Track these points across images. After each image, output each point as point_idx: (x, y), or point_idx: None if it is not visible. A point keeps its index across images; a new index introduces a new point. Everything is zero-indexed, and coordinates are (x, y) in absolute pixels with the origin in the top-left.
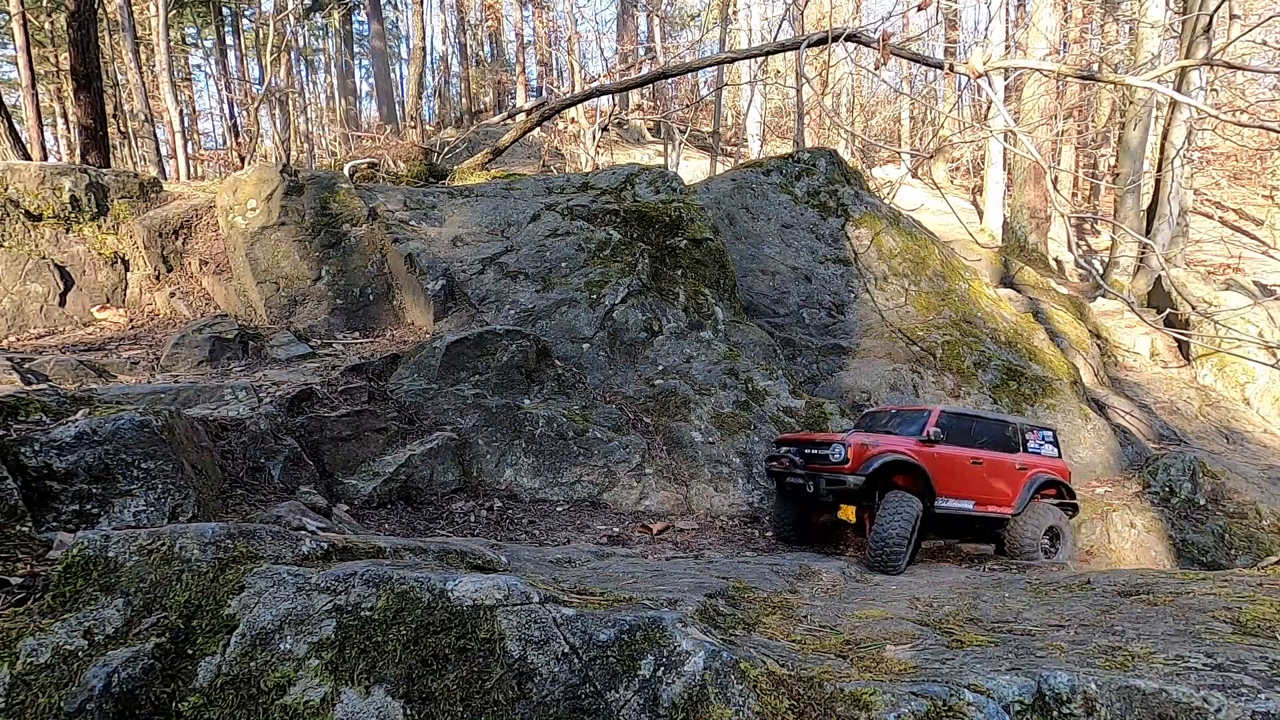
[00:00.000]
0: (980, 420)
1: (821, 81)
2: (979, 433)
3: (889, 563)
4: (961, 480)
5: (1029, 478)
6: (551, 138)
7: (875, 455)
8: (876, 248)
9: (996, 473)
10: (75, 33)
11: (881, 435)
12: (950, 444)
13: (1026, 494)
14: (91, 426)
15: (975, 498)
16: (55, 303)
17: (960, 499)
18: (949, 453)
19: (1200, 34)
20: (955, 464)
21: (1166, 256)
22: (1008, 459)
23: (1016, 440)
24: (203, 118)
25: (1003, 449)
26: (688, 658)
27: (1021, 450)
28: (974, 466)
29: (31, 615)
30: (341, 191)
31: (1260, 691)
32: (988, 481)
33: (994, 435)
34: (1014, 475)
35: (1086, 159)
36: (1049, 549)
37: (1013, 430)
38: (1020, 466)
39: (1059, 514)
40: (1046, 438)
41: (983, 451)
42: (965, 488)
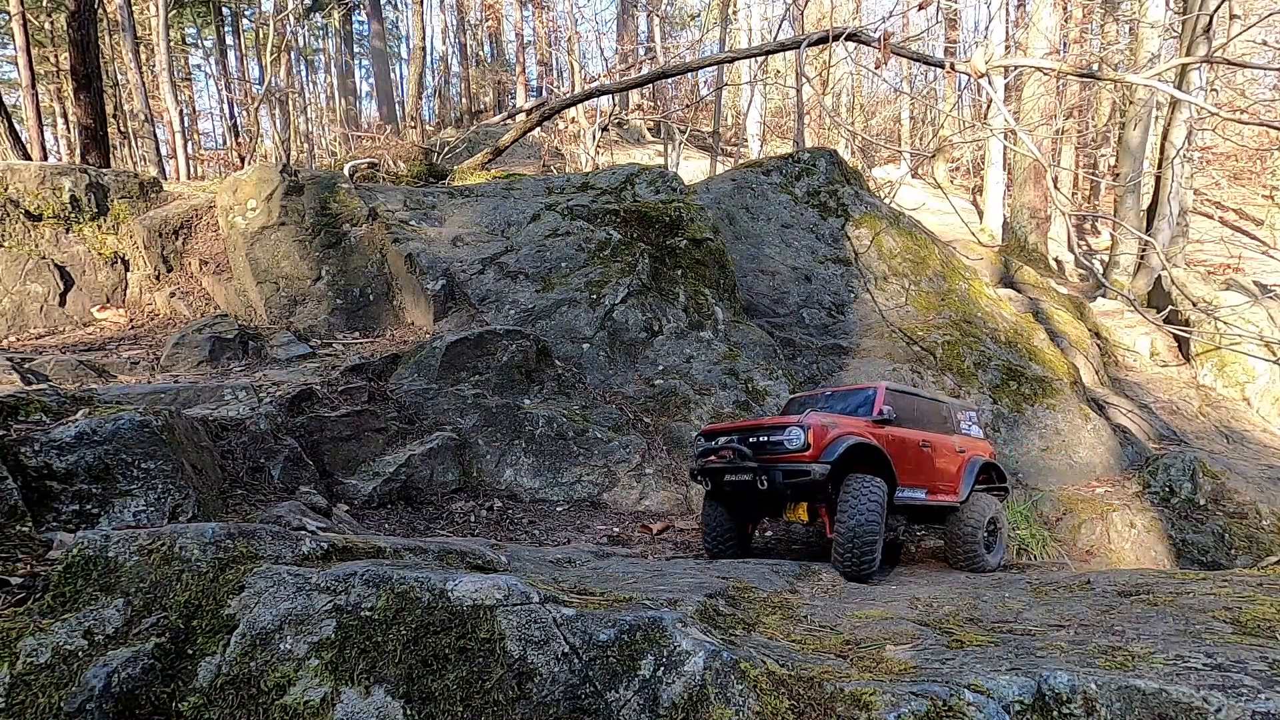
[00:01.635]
0: (921, 399)
1: (821, 81)
2: (921, 413)
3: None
4: (916, 466)
5: (968, 461)
6: (551, 138)
7: (839, 438)
8: (876, 248)
9: (943, 456)
10: (75, 33)
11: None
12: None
13: (969, 479)
14: (91, 426)
15: (928, 485)
16: (55, 303)
17: (915, 487)
18: (903, 435)
19: (1200, 33)
20: (910, 447)
21: (1167, 256)
22: (949, 441)
23: (952, 421)
24: (203, 118)
25: (942, 430)
26: (688, 658)
27: (957, 432)
28: (924, 450)
29: (31, 615)
30: (341, 191)
31: (1260, 691)
32: (937, 467)
33: (934, 416)
34: (956, 459)
35: (1086, 159)
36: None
37: (947, 410)
38: (959, 449)
39: (995, 503)
40: (972, 418)
41: (928, 433)
42: (919, 474)
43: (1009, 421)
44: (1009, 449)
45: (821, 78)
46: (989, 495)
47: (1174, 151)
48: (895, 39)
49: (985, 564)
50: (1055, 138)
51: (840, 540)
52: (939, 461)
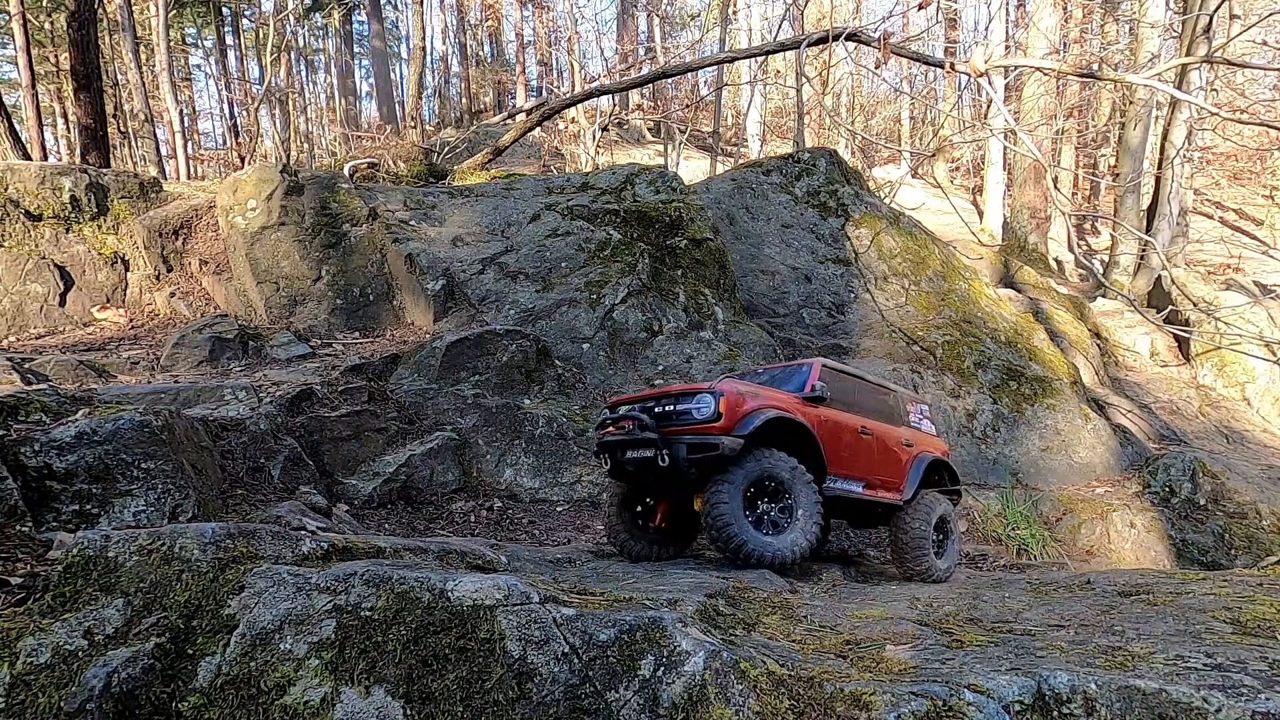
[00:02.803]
0: (864, 383)
1: (821, 81)
2: (863, 398)
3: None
4: (852, 454)
5: (915, 457)
6: (551, 138)
7: (757, 410)
8: (876, 248)
9: (885, 448)
10: (75, 33)
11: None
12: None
13: (915, 477)
14: (91, 426)
15: (865, 478)
16: (55, 303)
17: (850, 478)
18: (838, 417)
19: (1200, 33)
20: (845, 432)
21: (1167, 256)
22: (895, 432)
23: (900, 411)
24: (203, 118)
25: (886, 420)
26: (688, 658)
27: (905, 423)
28: (863, 437)
29: (31, 615)
30: (341, 191)
31: (1260, 691)
32: (877, 458)
33: (879, 403)
34: (901, 453)
35: (1086, 159)
36: (938, 545)
37: (895, 400)
38: (906, 443)
39: (944, 501)
40: (925, 412)
41: (870, 420)
42: (855, 464)
43: (1009, 421)
44: (1009, 449)
45: (821, 78)
46: (938, 495)
47: (1174, 151)
48: (895, 39)
49: (933, 571)
50: (1055, 138)
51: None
52: (880, 453)
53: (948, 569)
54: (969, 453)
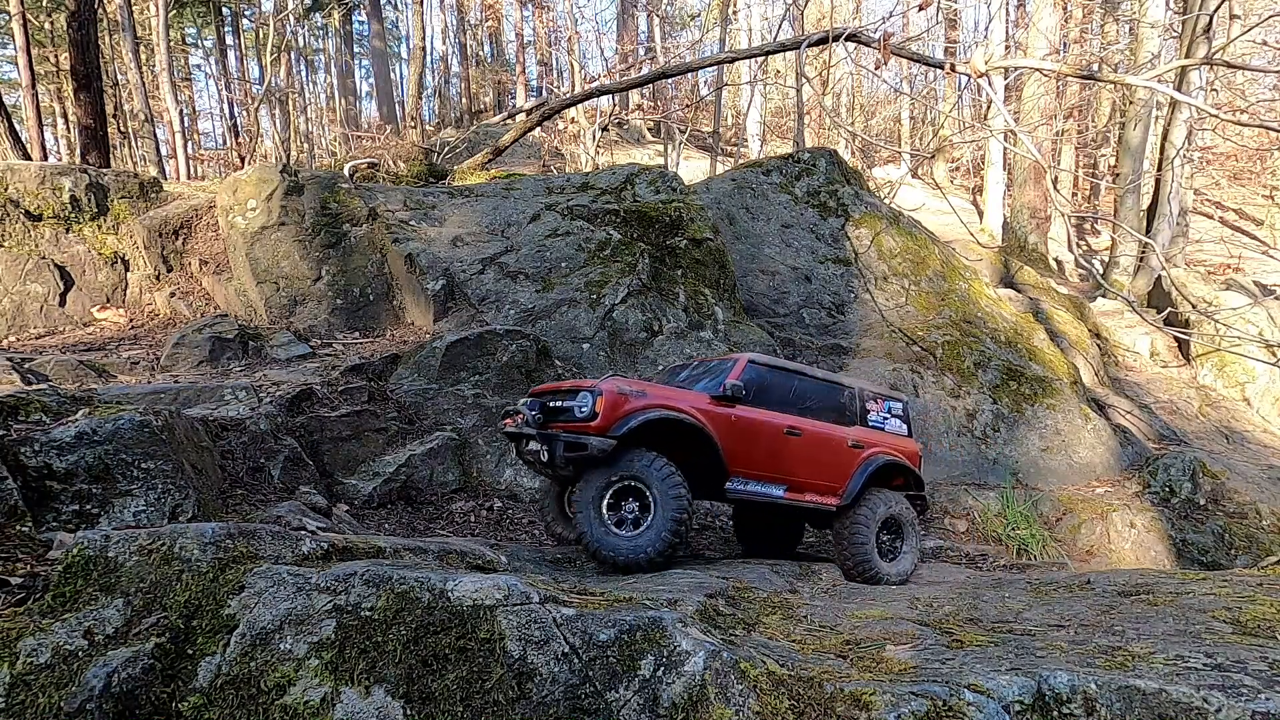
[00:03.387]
0: (805, 378)
1: (821, 81)
2: (803, 395)
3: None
4: (770, 455)
5: (864, 459)
6: (551, 138)
7: (636, 410)
8: (876, 248)
9: (821, 449)
10: (75, 33)
11: (662, 387)
12: (760, 405)
13: (858, 481)
14: (91, 426)
15: (788, 480)
16: (55, 303)
17: (766, 481)
18: (753, 416)
19: (1200, 34)
20: (761, 432)
21: (1167, 256)
22: (838, 433)
23: (853, 409)
24: (203, 118)
25: (834, 419)
26: (688, 658)
27: (859, 423)
28: (789, 438)
29: (31, 615)
30: (341, 191)
31: (1260, 691)
32: (807, 460)
33: (823, 401)
34: (844, 454)
35: (1086, 159)
36: (889, 548)
37: (849, 396)
38: (854, 444)
39: (897, 500)
40: (895, 410)
41: (805, 420)
42: (774, 466)
43: (1009, 421)
44: (1009, 449)
45: (821, 78)
46: (889, 493)
47: (1174, 152)
48: (895, 39)
49: (879, 573)
50: (1055, 138)
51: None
52: (813, 454)
53: (900, 573)
54: (969, 453)
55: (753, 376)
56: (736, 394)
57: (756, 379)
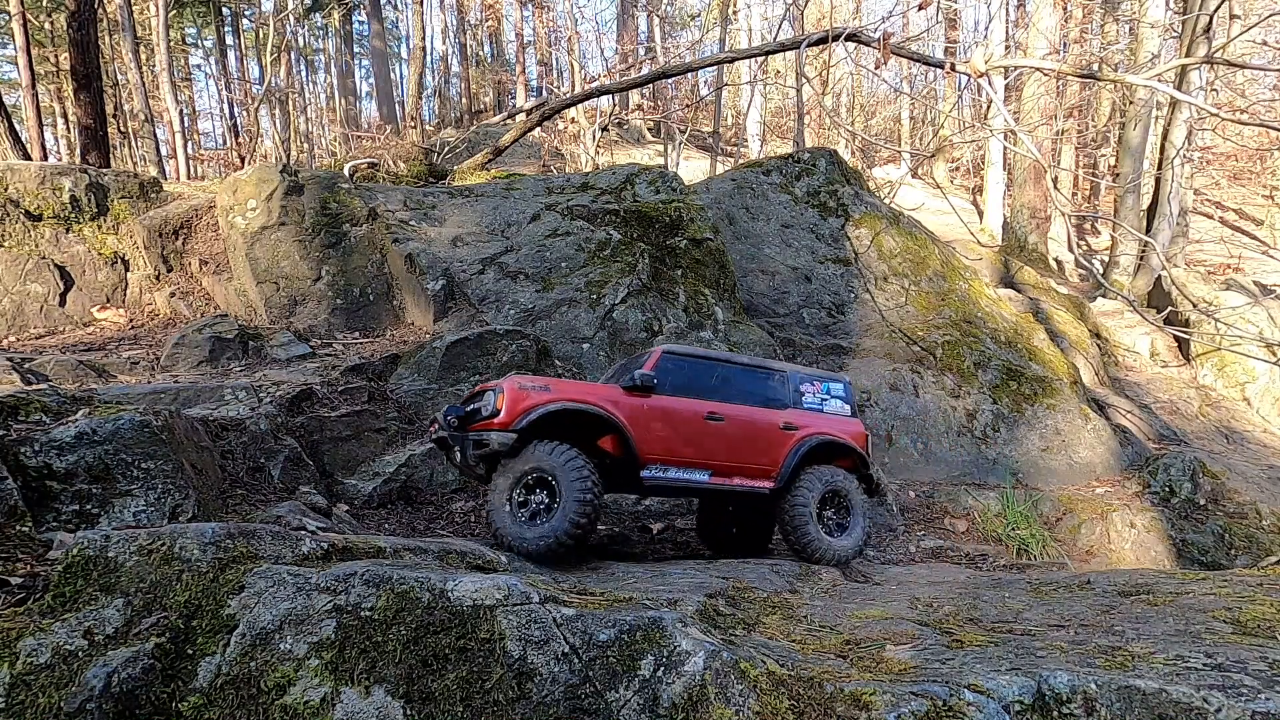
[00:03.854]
0: (729, 365)
1: (821, 81)
2: (728, 382)
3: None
4: (688, 441)
5: (798, 440)
6: (551, 138)
7: (537, 404)
8: (876, 248)
9: (748, 432)
10: (75, 33)
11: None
12: (681, 394)
13: (791, 462)
14: (91, 426)
15: (712, 466)
16: (55, 303)
17: (688, 468)
18: (669, 405)
19: (1200, 34)
20: (677, 419)
21: (1167, 256)
22: (767, 416)
23: (785, 393)
24: (203, 118)
25: (764, 404)
26: (688, 658)
27: (793, 406)
28: (710, 423)
29: (31, 615)
30: (341, 191)
31: (1260, 691)
32: (733, 444)
33: (751, 386)
34: (776, 437)
35: (1086, 159)
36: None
37: (780, 380)
38: (786, 425)
39: (838, 474)
40: (835, 391)
41: (729, 405)
42: (695, 452)
43: (1009, 421)
44: (1009, 449)
45: (821, 78)
46: (828, 469)
47: (1174, 151)
48: (895, 39)
49: (822, 549)
50: (1055, 138)
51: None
52: (738, 438)
53: (845, 548)
54: (969, 453)
55: (669, 367)
56: (647, 383)
57: (674, 369)
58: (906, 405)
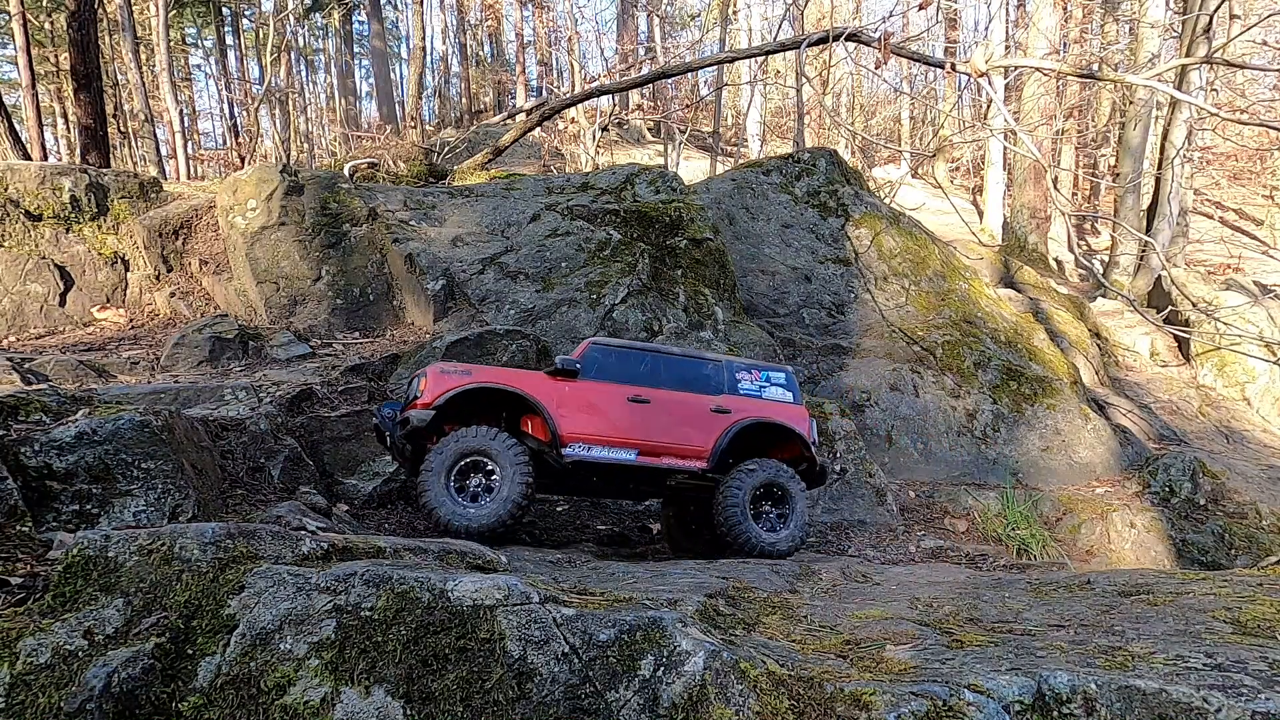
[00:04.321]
0: (660, 355)
1: (821, 81)
2: (657, 370)
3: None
4: (612, 422)
5: (731, 422)
6: (551, 138)
7: (457, 386)
8: (876, 248)
9: (676, 415)
10: (75, 33)
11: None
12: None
13: (723, 441)
14: (91, 426)
15: (638, 445)
16: (55, 303)
17: (613, 446)
18: (588, 387)
19: (1200, 34)
20: (598, 401)
21: (1167, 256)
22: (696, 399)
23: (720, 380)
24: (203, 118)
25: (694, 388)
26: (688, 658)
27: (728, 392)
28: (634, 405)
29: (31, 615)
30: (341, 191)
31: (1260, 691)
32: (661, 425)
33: (682, 374)
34: (706, 419)
35: (1086, 159)
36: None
37: (714, 369)
38: (718, 409)
39: (777, 467)
40: (776, 379)
41: (653, 389)
42: (620, 431)
43: (1009, 421)
44: (1009, 449)
45: (821, 78)
46: (768, 461)
47: (1174, 151)
48: (895, 39)
49: (754, 541)
50: (1055, 138)
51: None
52: (666, 419)
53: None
54: (969, 453)
55: (597, 356)
56: (568, 368)
57: (601, 357)
58: (906, 405)
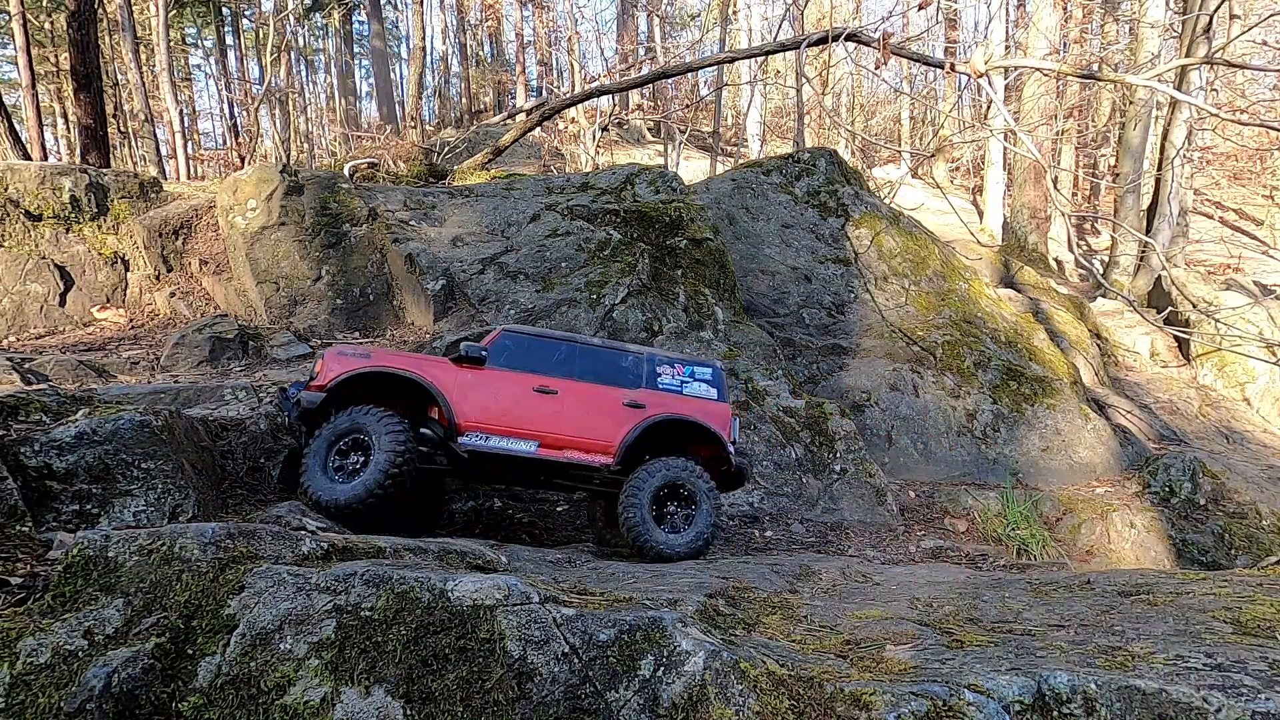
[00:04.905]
0: (575, 345)
1: (821, 81)
2: (571, 360)
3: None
4: (514, 413)
5: (642, 418)
6: (551, 138)
7: (353, 369)
8: (876, 248)
9: (584, 407)
10: (75, 33)
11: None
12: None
13: (631, 438)
14: (91, 426)
15: (540, 437)
16: (55, 303)
17: (512, 437)
18: (492, 376)
19: (1200, 34)
20: (502, 390)
21: (1167, 256)
22: (607, 392)
23: (638, 374)
24: (203, 118)
25: (609, 381)
26: (688, 658)
27: (646, 387)
28: (540, 395)
29: (31, 615)
30: (341, 191)
31: (1260, 691)
32: (566, 418)
33: (597, 365)
34: (617, 413)
35: (1086, 159)
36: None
37: (632, 362)
38: (631, 403)
39: (684, 466)
40: (700, 375)
41: (566, 381)
42: (521, 422)
43: (1009, 421)
44: (1009, 449)
45: (821, 78)
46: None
47: (1174, 151)
48: (895, 39)
49: (651, 542)
50: (1055, 138)
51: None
52: (572, 412)
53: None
54: (969, 453)
55: (507, 344)
56: (472, 355)
57: (513, 345)
58: (906, 405)
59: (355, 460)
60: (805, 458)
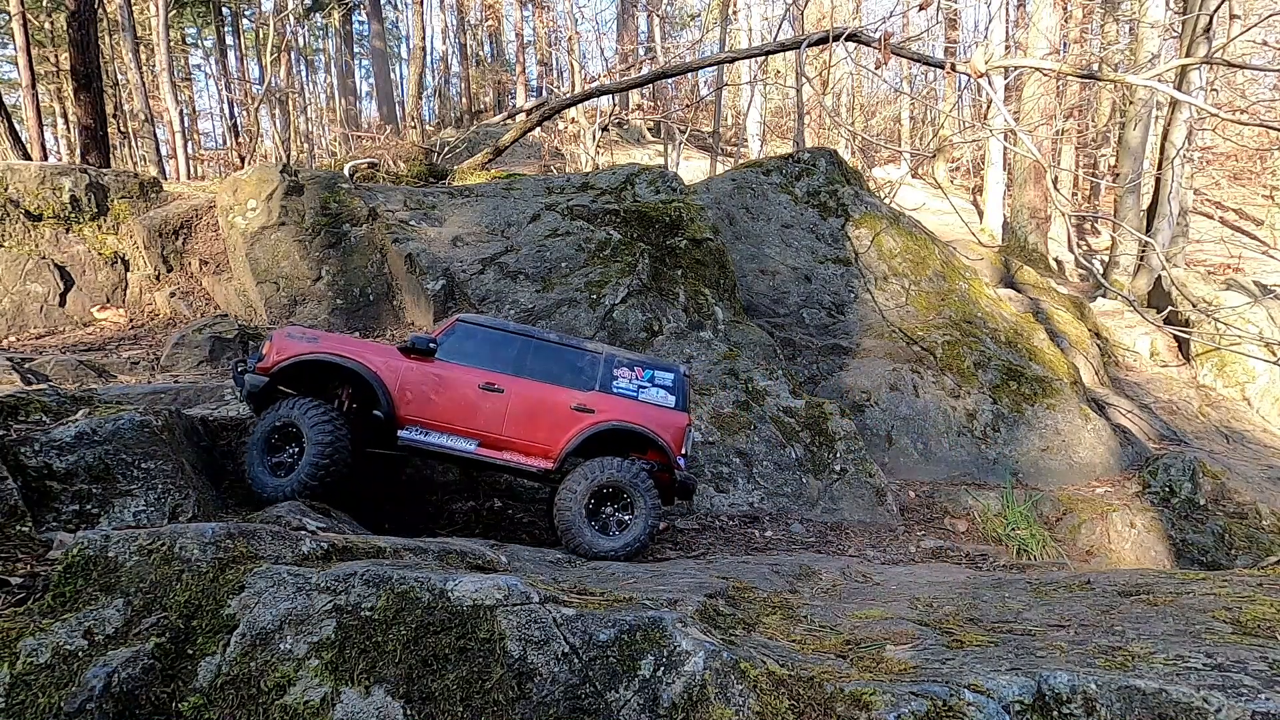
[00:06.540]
0: (533, 340)
1: (821, 81)
2: (525, 356)
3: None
4: (456, 409)
5: (589, 424)
6: (551, 138)
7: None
8: (876, 248)
9: (529, 408)
10: (75, 33)
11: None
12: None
13: (574, 444)
14: (91, 426)
15: (481, 436)
16: (55, 303)
17: (452, 434)
18: (439, 369)
19: (1200, 34)
20: (447, 385)
21: (1167, 256)
22: (556, 394)
23: (593, 375)
24: (203, 118)
25: (565, 383)
26: (688, 658)
27: (599, 389)
28: (486, 393)
29: (31, 615)
30: (341, 191)
31: (1260, 691)
32: (508, 418)
33: (552, 364)
34: (563, 416)
35: (1086, 159)
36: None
37: (589, 362)
38: (579, 407)
39: (622, 466)
40: (661, 380)
41: (516, 379)
42: (463, 419)
43: (1009, 421)
44: (1009, 449)
45: (821, 78)
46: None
47: (1174, 151)
48: (895, 39)
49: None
50: (1055, 138)
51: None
52: (517, 412)
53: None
54: (969, 453)
55: (462, 335)
56: (422, 346)
57: (464, 337)
58: (906, 405)
59: (289, 453)
60: (805, 458)
